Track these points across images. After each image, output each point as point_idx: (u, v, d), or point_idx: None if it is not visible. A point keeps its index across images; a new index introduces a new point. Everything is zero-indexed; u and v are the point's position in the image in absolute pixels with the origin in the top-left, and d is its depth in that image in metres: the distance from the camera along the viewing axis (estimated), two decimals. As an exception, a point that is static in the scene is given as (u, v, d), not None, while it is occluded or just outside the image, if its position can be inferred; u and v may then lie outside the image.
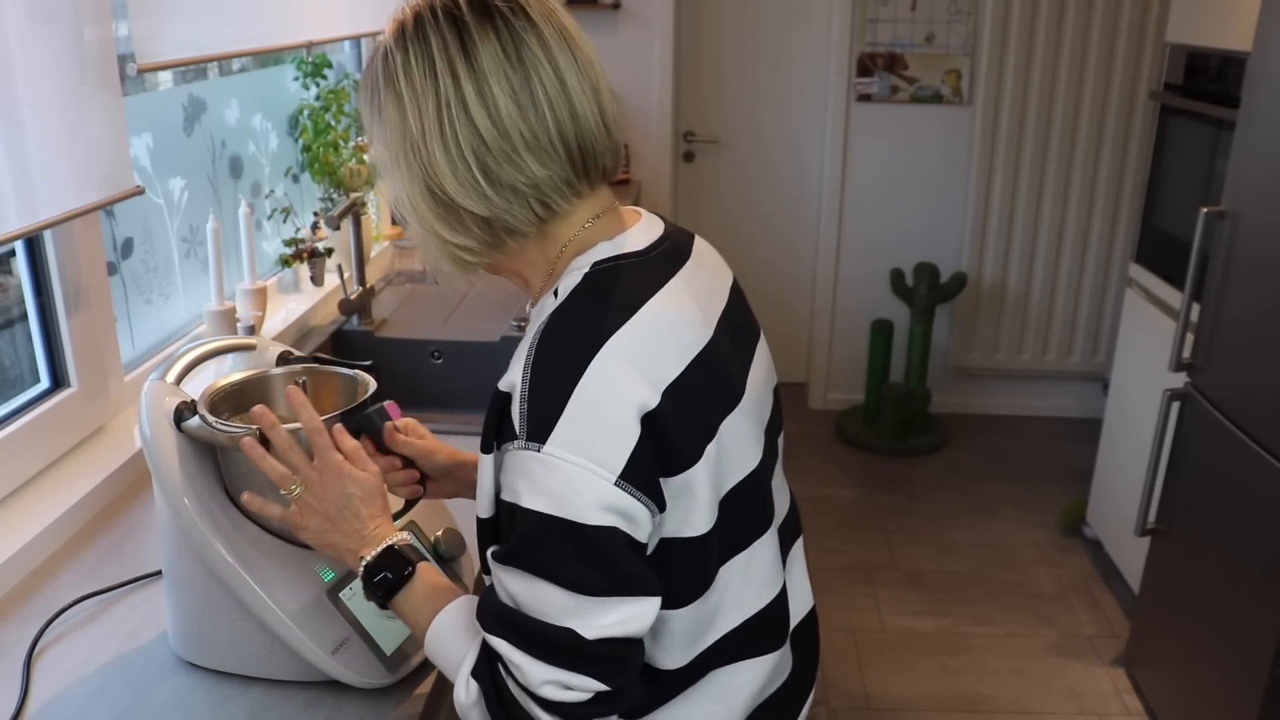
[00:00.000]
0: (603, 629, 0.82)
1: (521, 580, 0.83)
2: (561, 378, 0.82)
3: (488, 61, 0.85)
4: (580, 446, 0.80)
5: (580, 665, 0.83)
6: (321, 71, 2.29)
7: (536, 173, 0.87)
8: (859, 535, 3.27)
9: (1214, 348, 2.20)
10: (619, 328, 0.85)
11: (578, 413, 0.81)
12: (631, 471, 0.81)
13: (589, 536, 0.80)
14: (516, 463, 0.82)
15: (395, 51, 0.88)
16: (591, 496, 0.80)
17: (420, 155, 0.87)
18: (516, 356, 0.86)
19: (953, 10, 3.65)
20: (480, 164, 0.86)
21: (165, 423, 1.07)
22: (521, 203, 0.89)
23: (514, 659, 0.84)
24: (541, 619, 0.83)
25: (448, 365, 2.12)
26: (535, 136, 0.86)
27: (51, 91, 1.32)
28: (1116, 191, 3.78)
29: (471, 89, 0.85)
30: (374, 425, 1.10)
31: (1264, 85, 2.05)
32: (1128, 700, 2.55)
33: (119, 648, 1.17)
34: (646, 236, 0.96)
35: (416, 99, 0.86)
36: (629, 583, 0.83)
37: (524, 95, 0.86)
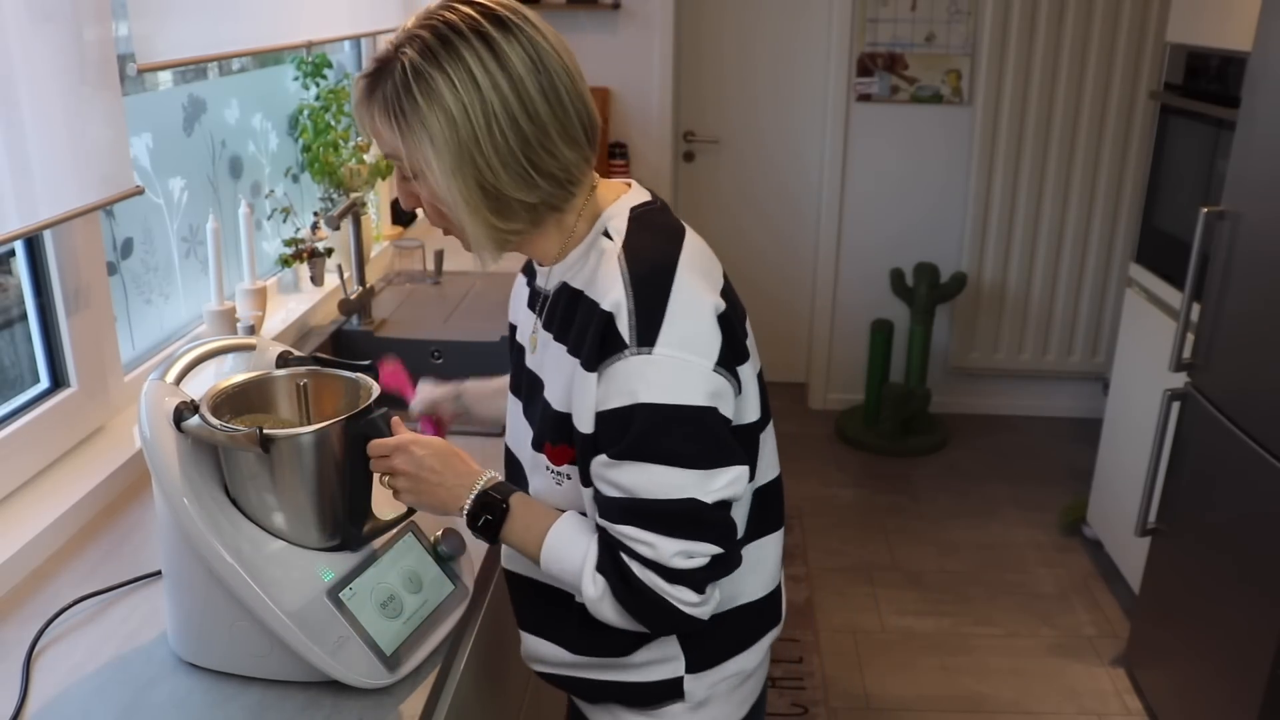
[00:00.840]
0: (716, 493, 0.99)
1: (641, 470, 0.98)
2: (657, 292, 1.00)
3: (520, 70, 0.97)
4: (682, 344, 0.98)
5: (701, 531, 1.00)
6: (321, 71, 2.29)
7: (569, 156, 1.02)
8: (859, 535, 3.27)
9: (1214, 348, 2.20)
10: (681, 249, 1.06)
11: (675, 317, 0.99)
12: (721, 358, 1.00)
13: (698, 417, 0.98)
14: (630, 368, 0.98)
15: (431, 71, 0.96)
16: (697, 382, 0.98)
17: (475, 160, 0.98)
18: (604, 284, 1.02)
19: (953, 10, 3.65)
20: (528, 158, 0.99)
21: (165, 423, 1.07)
22: (558, 184, 1.03)
23: (644, 539, 0.99)
24: (665, 498, 0.99)
25: (448, 365, 2.12)
26: (564, 126, 1.00)
27: (51, 91, 1.32)
28: (1116, 191, 3.78)
29: (512, 96, 0.97)
30: (378, 429, 1.10)
31: (1264, 85, 2.05)
32: (1128, 700, 2.55)
33: (119, 648, 1.17)
34: (644, 195, 1.13)
35: (466, 112, 0.96)
36: (729, 452, 1.01)
37: (551, 93, 0.99)
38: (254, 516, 1.10)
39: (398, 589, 1.16)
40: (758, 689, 1.26)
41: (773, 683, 2.57)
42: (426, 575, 1.20)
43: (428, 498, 1.10)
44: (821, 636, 2.77)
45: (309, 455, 1.09)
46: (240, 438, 1.04)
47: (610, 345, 0.99)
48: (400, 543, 1.20)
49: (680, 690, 1.16)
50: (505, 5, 1.00)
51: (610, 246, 1.05)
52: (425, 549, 1.22)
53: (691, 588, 1.00)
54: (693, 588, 1.01)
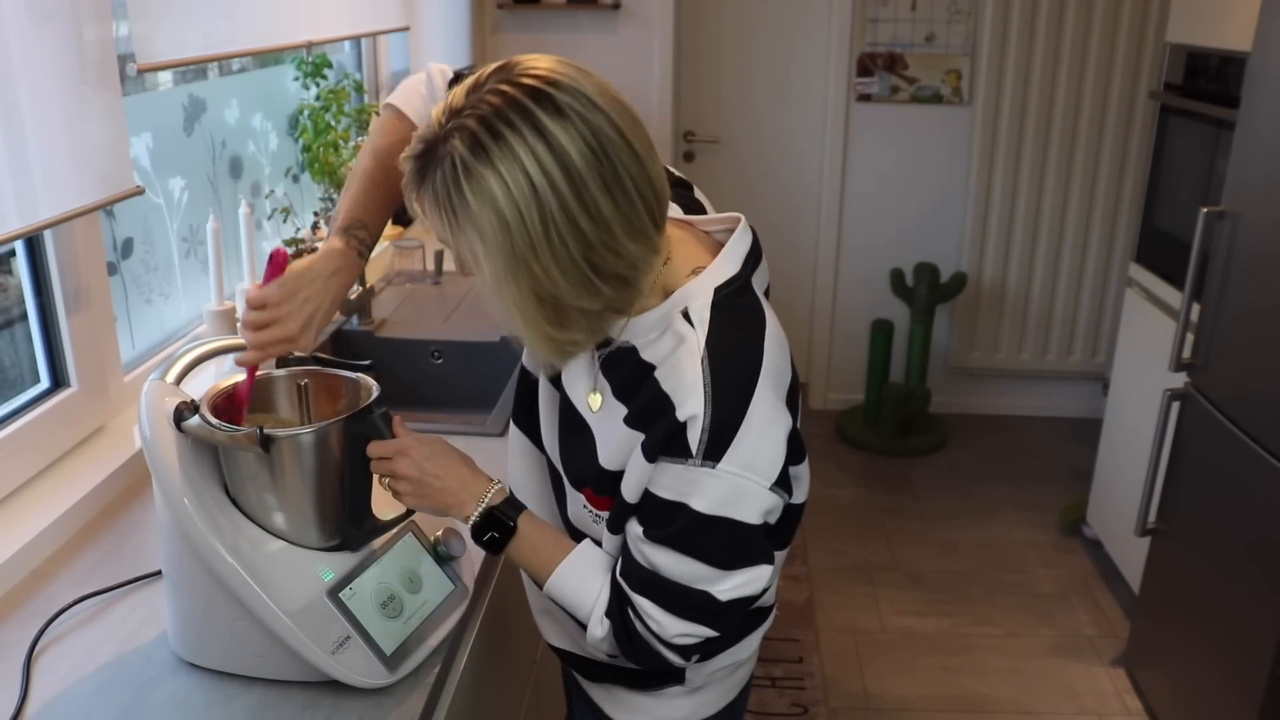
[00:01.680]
0: (731, 591, 1.00)
1: (670, 555, 0.99)
2: (735, 410, 0.96)
3: (579, 164, 0.86)
4: (747, 464, 0.96)
5: (707, 619, 1.02)
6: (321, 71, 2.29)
7: (635, 253, 0.92)
8: (859, 535, 3.27)
9: (1214, 348, 2.20)
10: (764, 355, 0.99)
11: (746, 437, 0.95)
12: (780, 478, 0.98)
13: (741, 530, 0.98)
14: (689, 475, 0.96)
15: (483, 169, 0.86)
16: (754, 503, 0.97)
17: (532, 268, 0.89)
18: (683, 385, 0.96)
19: (953, 10, 3.65)
20: (590, 263, 0.90)
21: (165, 423, 1.07)
22: (625, 286, 0.94)
23: (655, 615, 1.01)
24: (682, 584, 1.00)
25: (448, 365, 2.12)
26: (629, 220, 0.90)
27: (51, 91, 1.32)
28: (1116, 191, 3.78)
29: (571, 195, 0.87)
30: (378, 429, 1.10)
31: (1264, 85, 2.05)
32: (1128, 700, 2.55)
33: (119, 648, 1.17)
34: (741, 252, 1.04)
35: (520, 215, 0.86)
36: (756, 555, 1.01)
37: (615, 185, 0.88)
38: (254, 516, 1.10)
39: (398, 589, 1.16)
40: (748, 674, 1.32)
41: (772, 682, 2.57)
42: (426, 575, 1.20)
43: (431, 501, 1.11)
44: (821, 636, 2.77)
45: (309, 455, 1.09)
46: (240, 438, 1.04)
47: (675, 448, 0.96)
48: (400, 543, 1.20)
49: (682, 676, 1.20)
50: (557, 84, 0.88)
51: (690, 336, 0.98)
52: (425, 549, 1.22)
53: (682, 656, 1.05)
54: (681, 656, 1.05)
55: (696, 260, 1.03)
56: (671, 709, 1.24)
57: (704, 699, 1.25)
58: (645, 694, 1.23)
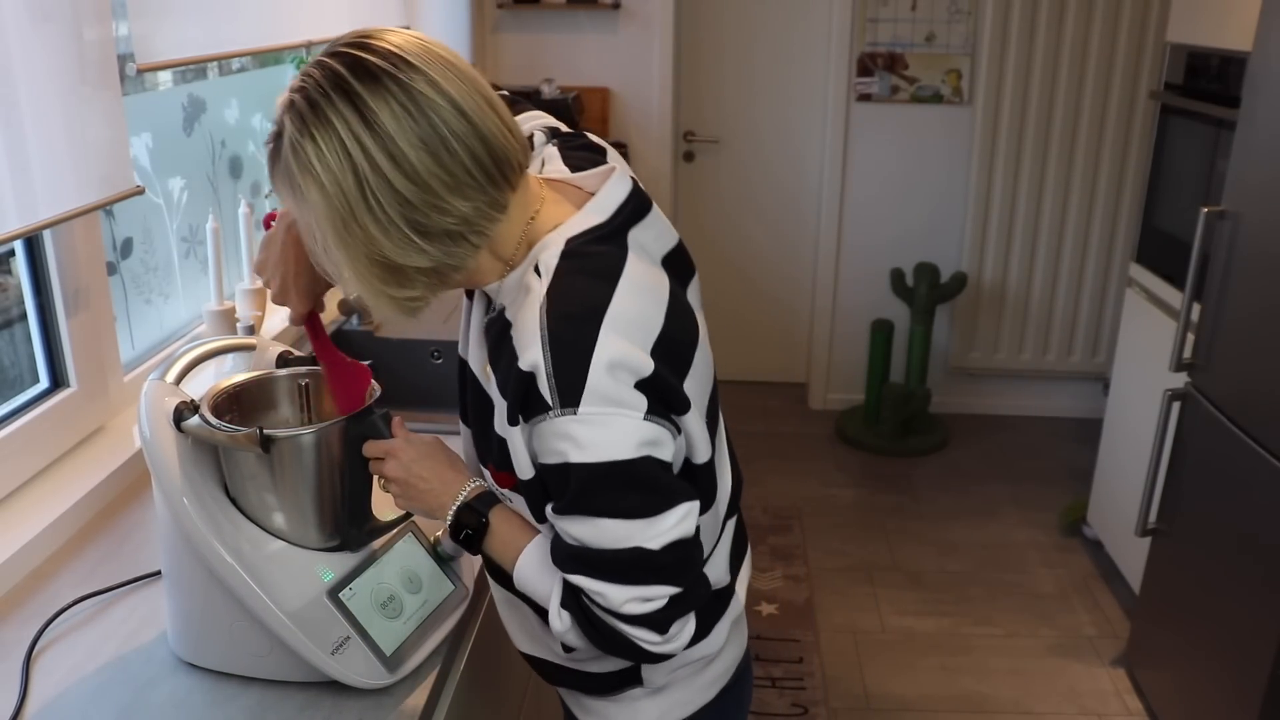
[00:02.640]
0: (662, 536, 0.96)
1: (583, 523, 0.96)
2: (577, 352, 0.93)
3: (390, 124, 0.89)
4: (607, 400, 0.92)
5: (652, 576, 0.97)
6: (321, 71, 2.29)
7: (463, 209, 0.92)
8: (859, 535, 3.27)
9: (1214, 348, 2.20)
10: (610, 300, 0.95)
11: (599, 376, 0.92)
12: (652, 405, 0.95)
13: (632, 468, 0.94)
14: (555, 428, 0.93)
15: (303, 141, 0.89)
16: (628, 435, 0.93)
17: (354, 231, 0.91)
18: (522, 337, 0.95)
19: (953, 10, 3.65)
20: (411, 222, 0.91)
21: (165, 423, 1.07)
22: (458, 242, 0.94)
23: (594, 589, 0.97)
24: (610, 548, 0.96)
25: (448, 365, 2.12)
26: (453, 176, 0.91)
27: (51, 91, 1.32)
28: (1116, 191, 3.78)
29: (383, 156, 0.89)
30: (377, 429, 1.10)
31: (1264, 85, 2.05)
32: (1128, 700, 2.55)
33: (119, 648, 1.17)
34: (611, 202, 1.04)
35: (337, 181, 0.89)
36: (671, 494, 0.97)
37: (433, 142, 0.90)
38: (254, 516, 1.10)
39: (398, 589, 1.16)
40: (729, 672, 1.24)
41: (772, 683, 2.57)
42: (426, 575, 1.20)
43: (417, 503, 1.10)
44: (821, 636, 2.77)
45: (309, 455, 1.09)
46: (240, 438, 1.04)
47: (534, 404, 0.94)
48: (400, 543, 1.20)
49: (638, 677, 1.15)
50: (370, 48, 0.91)
51: (535, 287, 0.97)
52: (425, 549, 1.22)
53: (652, 629, 0.99)
54: (653, 629, 0.99)
55: (565, 216, 1.02)
56: (635, 712, 1.18)
57: (670, 701, 1.19)
58: (605, 699, 1.19)
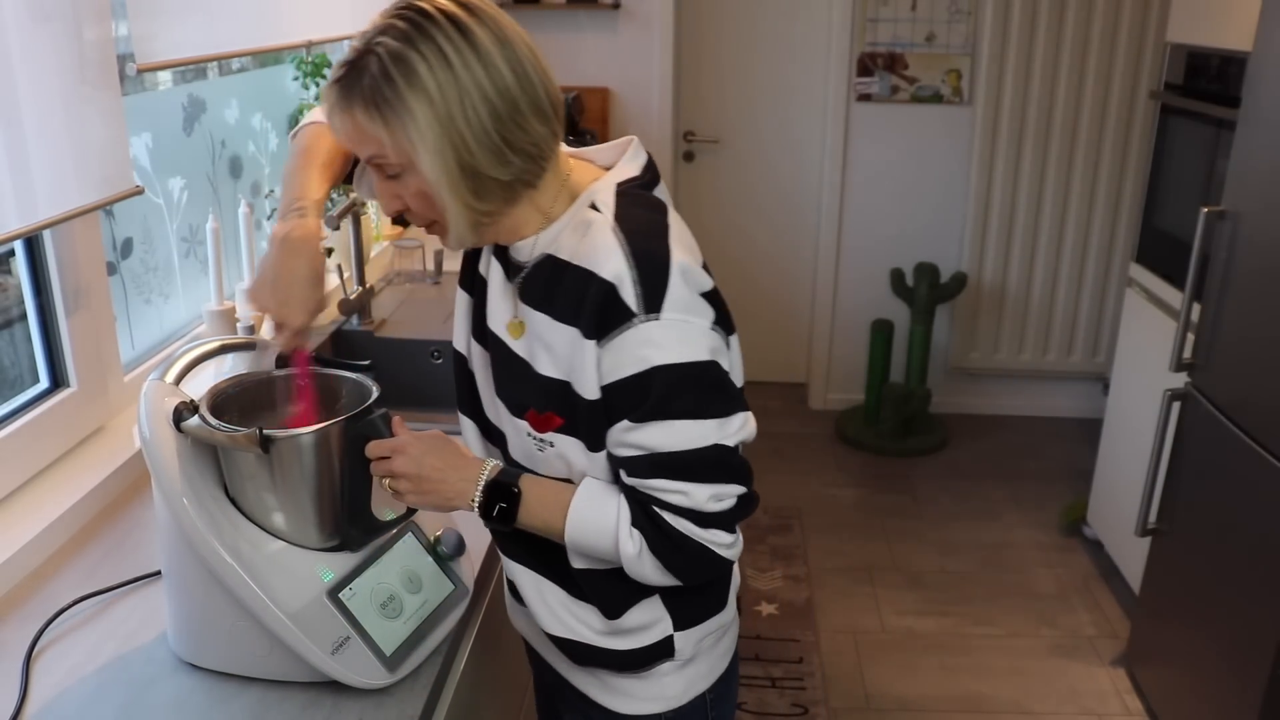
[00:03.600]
0: (733, 436, 1.05)
1: (664, 429, 1.02)
2: (657, 262, 1.03)
3: (486, 45, 0.99)
4: (685, 308, 1.02)
5: (727, 474, 1.05)
6: (321, 71, 2.29)
7: (539, 131, 1.03)
8: (859, 535, 3.27)
9: (1214, 348, 2.20)
10: (668, 223, 1.08)
11: (676, 284, 1.02)
12: (717, 317, 1.06)
13: (708, 371, 1.03)
14: (640, 335, 1.01)
15: (408, 53, 0.98)
16: (702, 340, 1.03)
17: (453, 138, 0.99)
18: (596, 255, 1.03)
19: (953, 10, 3.65)
20: (501, 135, 1.00)
21: (165, 423, 1.07)
22: (530, 160, 1.04)
23: (678, 488, 1.03)
24: (692, 449, 1.03)
25: (448, 365, 2.12)
26: (532, 99, 1.02)
27: (51, 91, 1.32)
28: (1116, 191, 3.78)
29: (483, 73, 0.99)
30: (377, 429, 1.10)
31: (1264, 85, 2.05)
32: (1128, 700, 2.55)
33: (119, 648, 1.17)
34: (639, 162, 1.15)
35: (442, 91, 0.98)
36: (736, 398, 1.08)
37: (518, 68, 1.01)
38: (254, 516, 1.10)
39: (398, 589, 1.16)
40: (734, 643, 1.30)
41: (772, 683, 2.57)
42: (426, 575, 1.20)
43: (433, 497, 1.10)
44: (821, 636, 2.77)
45: (309, 455, 1.09)
46: (240, 438, 1.04)
47: (615, 315, 1.01)
48: (400, 543, 1.20)
49: (671, 649, 1.18)
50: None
51: (599, 219, 1.06)
52: (425, 549, 1.22)
53: (723, 529, 1.06)
54: (724, 529, 1.06)
55: (596, 175, 1.13)
56: (663, 687, 1.21)
57: (695, 673, 1.22)
58: (635, 676, 1.20)
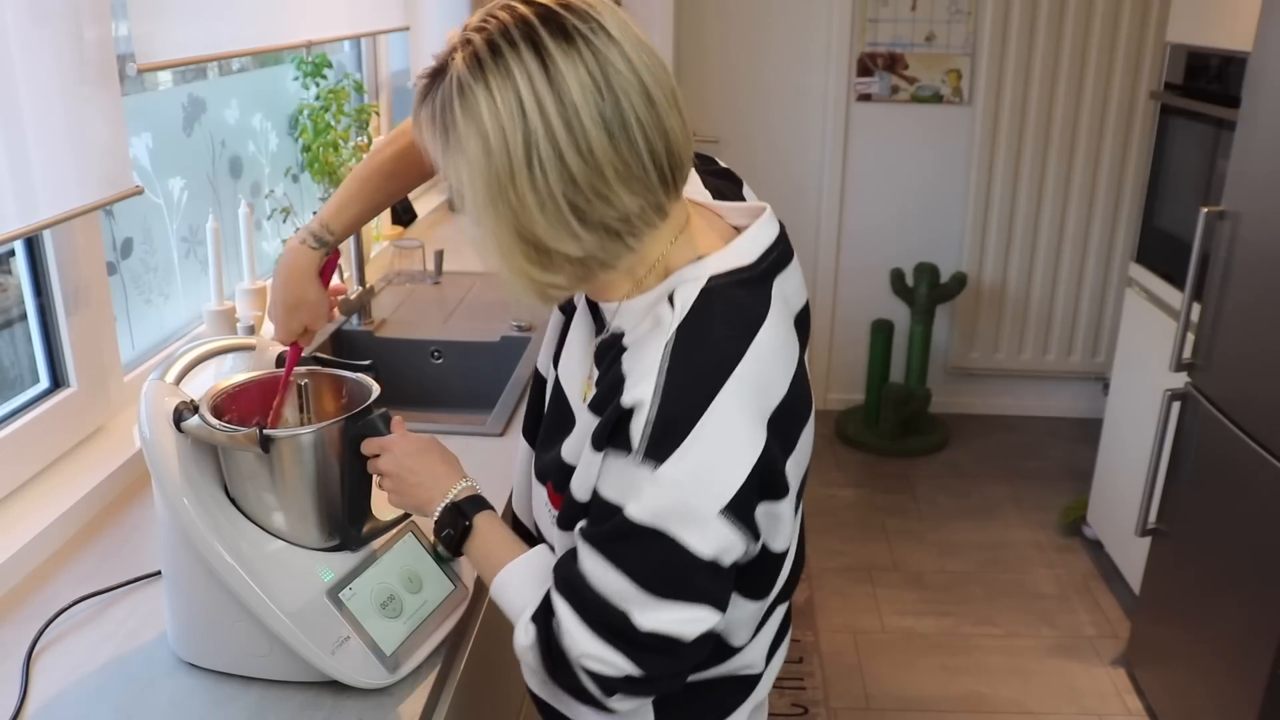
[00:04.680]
0: (655, 623, 0.86)
1: (599, 562, 0.87)
2: (690, 405, 0.84)
3: (576, 92, 0.80)
4: (696, 476, 0.83)
5: (624, 647, 0.87)
6: (321, 71, 2.29)
7: (628, 205, 0.84)
8: (859, 535, 3.27)
9: (1214, 348, 2.20)
10: (743, 356, 0.86)
11: (698, 442, 0.83)
12: (736, 505, 0.84)
13: (681, 556, 0.84)
14: (627, 475, 0.85)
15: (474, 85, 0.81)
16: (700, 528, 0.83)
17: (509, 198, 0.82)
18: (636, 367, 0.87)
19: (953, 10, 3.65)
20: (571, 204, 0.82)
21: (165, 423, 1.07)
22: (613, 238, 0.85)
23: (567, 624, 0.89)
24: (603, 596, 0.87)
25: (448, 365, 2.12)
26: (627, 166, 0.83)
27: (51, 91, 1.32)
28: (1116, 191, 3.78)
29: (561, 125, 0.80)
30: (376, 429, 1.10)
31: (1264, 85, 2.05)
32: (1128, 700, 2.55)
33: (119, 648, 1.17)
34: (759, 244, 0.95)
35: (504, 138, 0.81)
36: (695, 592, 0.86)
37: (615, 124, 0.81)
38: (254, 516, 1.10)
39: (398, 589, 1.16)
40: None
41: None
42: (426, 575, 1.20)
43: (408, 499, 1.09)
44: (821, 636, 2.77)
45: (309, 455, 1.09)
46: (240, 438, 1.04)
47: (619, 438, 0.86)
48: (400, 543, 1.20)
49: None
50: (570, 6, 0.83)
51: (666, 319, 0.88)
52: (425, 549, 1.22)
53: (600, 687, 0.91)
54: (601, 687, 0.91)
55: (709, 247, 0.93)
56: None
57: None
58: None
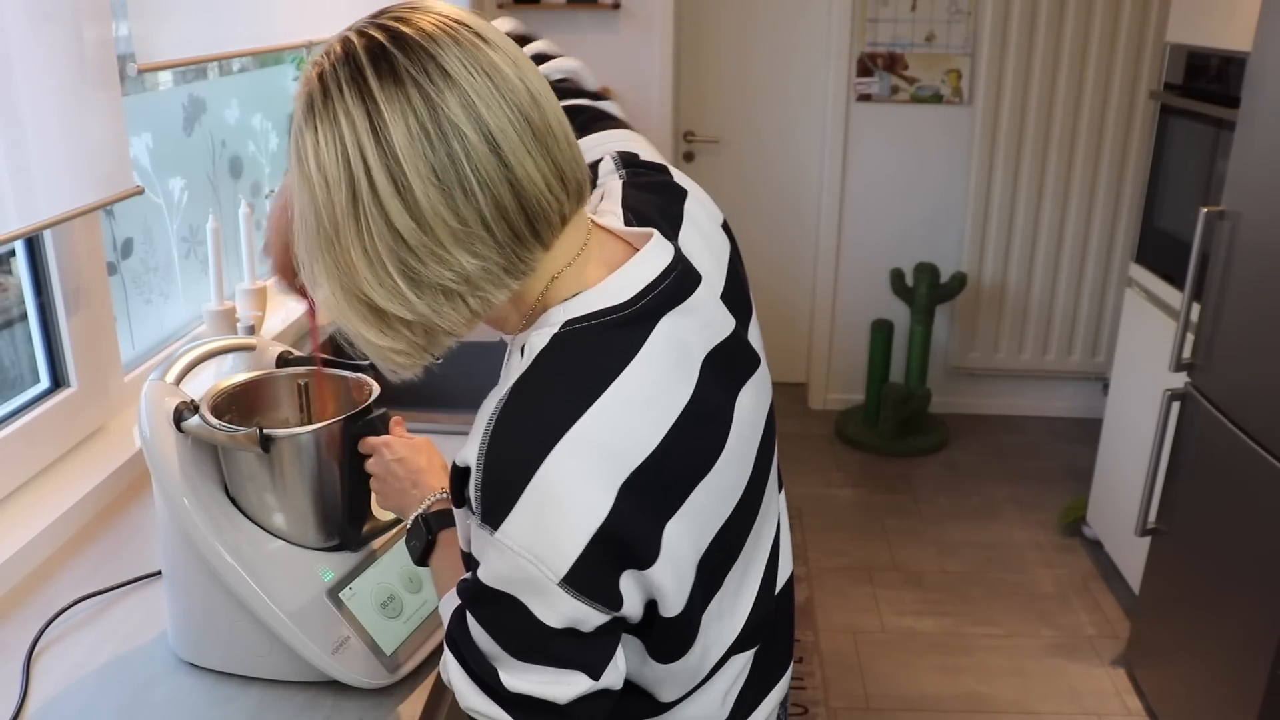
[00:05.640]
0: (520, 686, 0.80)
1: (470, 619, 0.83)
2: (516, 468, 0.76)
3: (400, 142, 0.72)
4: (527, 544, 0.75)
5: (499, 701, 0.82)
6: (321, 71, 2.29)
7: (466, 266, 0.75)
8: (859, 535, 3.27)
9: (1214, 348, 2.20)
10: (577, 419, 0.77)
11: (529, 506, 0.75)
12: (577, 576, 0.76)
13: (530, 624, 0.78)
14: (477, 537, 0.79)
15: (305, 130, 0.75)
16: (546, 598, 0.76)
17: (336, 255, 0.76)
18: (479, 418, 0.80)
19: (953, 10, 3.65)
20: (401, 265, 0.75)
21: (165, 423, 1.07)
22: (452, 302, 0.77)
23: (454, 675, 0.84)
24: (480, 651, 0.82)
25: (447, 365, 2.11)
26: (464, 223, 0.74)
27: (51, 91, 1.32)
28: (1116, 191, 3.78)
29: (384, 180, 0.73)
30: (376, 429, 1.11)
31: (1264, 85, 2.05)
32: (1128, 700, 2.55)
33: (119, 648, 1.17)
34: (646, 273, 0.83)
35: (329, 191, 0.74)
36: (556, 659, 0.80)
37: (448, 176, 0.73)
38: (254, 516, 1.10)
39: (398, 589, 1.16)
40: None
41: (773, 683, 2.57)
42: (427, 575, 1.20)
43: (390, 502, 1.07)
44: (821, 636, 2.77)
45: (309, 455, 1.09)
46: (240, 438, 1.05)
47: (463, 498, 0.81)
48: (400, 543, 1.20)
49: None
50: (405, 43, 0.74)
51: (515, 368, 0.81)
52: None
53: None
54: None
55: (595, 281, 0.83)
56: None
57: None
58: None
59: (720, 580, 0.91)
